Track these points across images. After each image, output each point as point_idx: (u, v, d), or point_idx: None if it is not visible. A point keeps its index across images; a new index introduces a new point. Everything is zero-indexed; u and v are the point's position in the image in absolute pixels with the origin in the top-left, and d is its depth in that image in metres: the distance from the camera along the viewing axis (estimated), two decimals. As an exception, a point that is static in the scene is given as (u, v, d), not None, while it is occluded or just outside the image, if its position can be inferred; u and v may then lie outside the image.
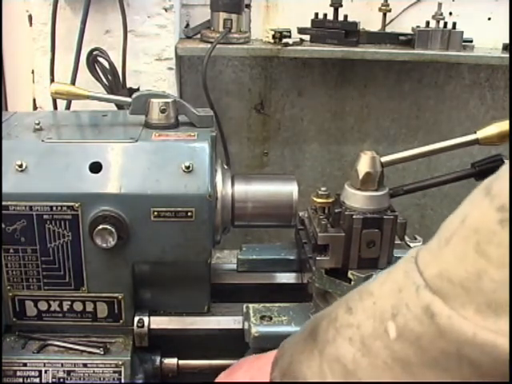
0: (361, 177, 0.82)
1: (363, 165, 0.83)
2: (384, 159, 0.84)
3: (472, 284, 0.41)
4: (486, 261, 0.41)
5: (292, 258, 1.03)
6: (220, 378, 0.78)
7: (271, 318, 0.86)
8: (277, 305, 0.88)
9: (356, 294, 0.53)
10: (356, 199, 0.83)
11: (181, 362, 0.93)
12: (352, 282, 0.83)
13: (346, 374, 0.49)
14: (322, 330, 0.54)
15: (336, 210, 0.85)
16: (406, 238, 0.91)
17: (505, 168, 0.44)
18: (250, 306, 0.88)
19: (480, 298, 0.41)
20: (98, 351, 0.85)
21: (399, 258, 0.85)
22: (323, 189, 0.89)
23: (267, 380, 0.61)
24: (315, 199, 0.89)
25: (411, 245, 0.89)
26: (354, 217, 0.82)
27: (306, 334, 0.57)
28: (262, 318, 0.86)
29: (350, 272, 0.83)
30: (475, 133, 0.84)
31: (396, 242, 0.85)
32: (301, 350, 0.56)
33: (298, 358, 0.56)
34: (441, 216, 0.52)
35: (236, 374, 0.75)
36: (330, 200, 0.89)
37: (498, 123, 0.83)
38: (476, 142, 0.84)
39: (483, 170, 0.87)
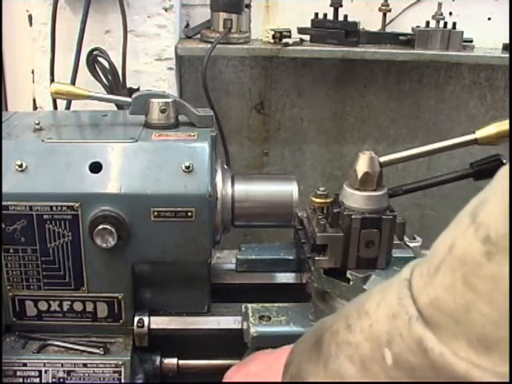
0: (359, 177, 0.82)
1: (362, 165, 0.83)
2: (382, 159, 0.84)
3: (462, 316, 0.41)
4: (474, 294, 0.41)
5: (291, 258, 1.03)
6: (232, 371, 0.80)
7: (270, 318, 0.86)
8: (276, 305, 0.89)
9: (354, 310, 0.54)
10: (355, 199, 0.83)
11: (181, 361, 0.93)
12: (350, 282, 0.83)
13: None
14: (325, 343, 0.56)
15: (335, 210, 0.84)
16: (405, 238, 0.91)
17: (492, 192, 0.42)
18: (249, 305, 0.88)
19: (470, 331, 0.41)
20: (98, 351, 0.85)
21: (398, 258, 0.86)
22: (322, 189, 0.89)
23: (280, 372, 0.64)
24: (314, 199, 0.89)
25: (410, 245, 0.89)
26: (352, 217, 0.82)
27: (312, 344, 0.59)
28: (261, 317, 0.86)
29: (348, 272, 0.83)
30: (474, 133, 0.84)
31: (395, 242, 0.85)
32: (307, 359, 0.59)
33: (305, 367, 0.58)
34: (441, 216, 0.52)
35: (249, 367, 0.77)
36: (329, 200, 0.89)
37: (497, 123, 0.83)
38: (475, 142, 0.84)
39: (482, 170, 0.87)
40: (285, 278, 1.02)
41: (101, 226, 0.78)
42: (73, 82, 1.48)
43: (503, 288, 0.39)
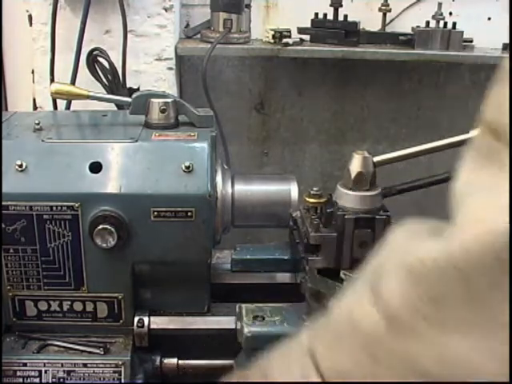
0: (353, 177, 0.82)
1: (355, 165, 0.83)
2: (376, 159, 0.84)
3: None
4: (378, 365, 0.42)
5: (286, 257, 1.02)
6: None
7: (264, 318, 0.85)
8: (270, 305, 0.88)
9: (261, 376, 0.54)
10: (348, 199, 0.83)
11: (181, 361, 0.93)
12: (344, 282, 0.82)
13: None
14: None
15: (328, 210, 0.84)
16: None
17: (388, 260, 0.44)
18: (243, 305, 0.87)
19: None
20: (97, 351, 0.85)
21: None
22: (315, 188, 0.89)
23: None
24: (307, 199, 0.89)
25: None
26: (346, 217, 0.81)
27: None
28: (255, 317, 0.85)
29: (342, 272, 0.83)
30: (468, 132, 0.84)
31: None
32: None
33: None
34: (441, 216, 0.51)
35: None
36: (323, 200, 0.89)
37: None
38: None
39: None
40: (280, 278, 1.01)
41: (101, 226, 0.78)
42: (73, 82, 1.48)
43: (405, 361, 0.41)
